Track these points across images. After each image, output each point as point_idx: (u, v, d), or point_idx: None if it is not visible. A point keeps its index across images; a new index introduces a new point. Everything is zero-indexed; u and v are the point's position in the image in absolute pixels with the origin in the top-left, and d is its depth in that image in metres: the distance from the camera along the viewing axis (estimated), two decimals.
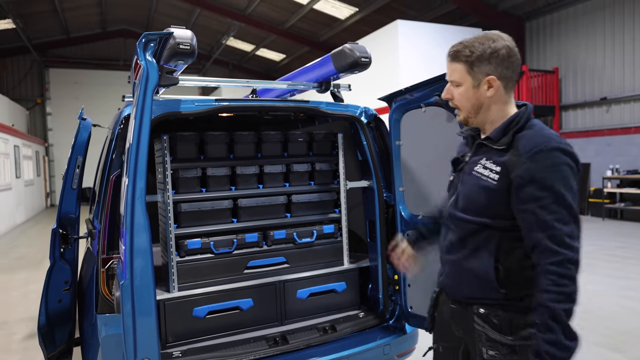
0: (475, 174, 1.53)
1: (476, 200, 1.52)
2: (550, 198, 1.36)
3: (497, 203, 1.47)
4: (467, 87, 1.53)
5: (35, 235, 11.20)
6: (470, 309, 1.56)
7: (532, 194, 1.38)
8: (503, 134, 1.49)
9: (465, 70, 1.51)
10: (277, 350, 2.48)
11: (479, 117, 1.56)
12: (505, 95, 1.52)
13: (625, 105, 10.77)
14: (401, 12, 13.36)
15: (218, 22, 17.15)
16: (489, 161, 1.51)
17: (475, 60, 1.48)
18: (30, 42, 16.99)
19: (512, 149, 1.45)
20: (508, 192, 1.44)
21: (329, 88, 2.95)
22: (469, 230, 1.55)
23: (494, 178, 1.47)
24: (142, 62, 1.77)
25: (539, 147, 1.39)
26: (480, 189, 1.50)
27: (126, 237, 1.70)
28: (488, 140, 1.53)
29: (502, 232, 1.49)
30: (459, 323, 1.63)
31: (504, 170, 1.44)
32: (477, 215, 1.52)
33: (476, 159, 1.56)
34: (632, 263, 6.52)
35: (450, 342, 1.70)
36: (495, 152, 1.50)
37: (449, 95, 1.60)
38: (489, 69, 1.48)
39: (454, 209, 1.61)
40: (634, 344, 3.83)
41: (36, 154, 17.16)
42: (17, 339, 4.44)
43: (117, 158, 2.31)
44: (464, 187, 1.59)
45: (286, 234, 2.91)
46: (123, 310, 1.67)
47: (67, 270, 2.88)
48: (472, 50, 1.49)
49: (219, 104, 2.48)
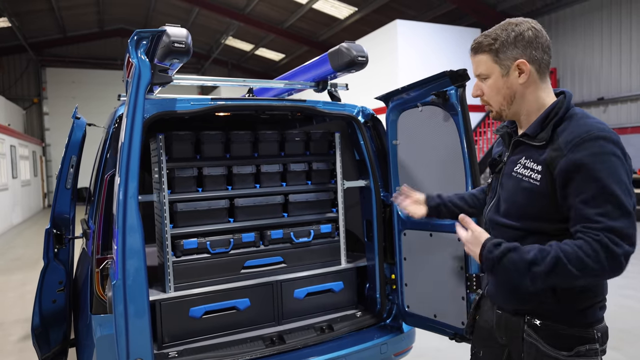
0: (516, 175, 1.41)
1: (518, 203, 1.39)
2: (594, 191, 1.22)
3: (542, 205, 1.34)
4: (496, 77, 1.40)
5: (31, 236, 11.16)
6: (521, 318, 1.44)
7: (575, 188, 1.25)
8: (541, 128, 1.37)
9: (491, 60, 1.40)
10: (274, 350, 2.47)
11: (513, 107, 1.42)
12: (540, 80, 1.39)
13: (622, 105, 10.81)
14: (400, 12, 13.37)
15: (217, 22, 17.13)
16: (528, 160, 1.38)
17: (500, 47, 1.37)
18: (27, 41, 16.92)
19: (552, 143, 1.32)
20: (553, 192, 1.31)
21: (326, 87, 2.94)
22: (514, 236, 1.40)
23: (535, 178, 1.34)
24: (134, 60, 1.75)
25: (581, 137, 1.26)
26: (522, 190, 1.38)
27: (118, 237, 1.69)
28: (525, 137, 1.41)
29: (550, 237, 1.33)
30: (504, 330, 1.51)
31: (546, 168, 1.32)
32: (521, 219, 1.39)
33: (515, 158, 1.44)
34: (630, 262, 6.49)
35: (493, 348, 1.59)
36: (535, 149, 1.37)
37: (479, 92, 1.48)
38: (517, 53, 1.36)
39: (495, 214, 1.49)
40: (632, 343, 3.84)
41: (33, 154, 17.10)
42: (13, 340, 4.42)
43: (111, 157, 2.29)
44: (504, 190, 1.46)
45: (283, 234, 2.89)
46: (115, 310, 1.65)
47: (61, 270, 2.86)
48: (495, 37, 1.38)
49: (214, 103, 2.46)
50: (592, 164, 1.23)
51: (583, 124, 1.30)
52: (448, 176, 2.38)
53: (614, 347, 3.76)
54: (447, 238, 2.39)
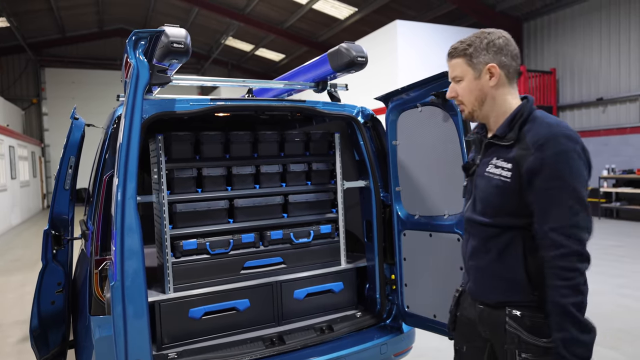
0: (488, 174, 1.52)
1: (492, 201, 1.50)
2: (557, 188, 1.35)
3: (514, 201, 1.44)
4: (469, 79, 1.53)
5: (31, 237, 11.14)
6: (502, 311, 1.52)
7: (540, 184, 1.37)
8: (509, 129, 1.48)
9: (465, 63, 1.53)
10: (274, 351, 2.46)
11: (484, 109, 1.55)
12: (508, 85, 1.52)
13: (621, 105, 10.81)
14: (400, 13, 13.37)
15: (217, 22, 17.12)
16: (499, 159, 1.49)
17: (473, 52, 1.50)
18: (25, 41, 16.89)
19: (520, 143, 1.44)
20: (522, 188, 1.42)
21: (326, 88, 2.94)
22: (491, 233, 1.51)
23: (506, 175, 1.45)
24: (132, 61, 1.75)
25: (545, 137, 1.38)
26: (494, 188, 1.48)
27: (116, 238, 1.68)
28: (495, 138, 1.52)
29: (525, 231, 1.45)
30: (486, 324, 1.59)
31: (515, 165, 1.43)
32: (496, 216, 1.49)
33: (486, 160, 1.55)
34: (628, 262, 6.53)
35: (476, 343, 1.66)
36: (504, 149, 1.49)
37: (453, 93, 1.59)
38: (488, 58, 1.49)
39: (472, 214, 1.59)
40: (630, 342, 3.84)
41: (32, 155, 17.07)
42: (12, 341, 4.41)
43: (110, 158, 2.28)
44: (478, 190, 1.56)
45: (283, 234, 2.89)
46: (114, 312, 1.65)
47: (59, 272, 2.85)
48: (470, 43, 1.51)
49: (214, 104, 2.46)
50: (555, 163, 1.36)
51: (546, 125, 1.43)
52: (448, 176, 2.38)
53: (612, 346, 3.76)
54: (446, 238, 2.39)
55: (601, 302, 4.88)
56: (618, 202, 10.59)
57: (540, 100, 11.88)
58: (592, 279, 5.65)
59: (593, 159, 1.47)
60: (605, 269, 6.20)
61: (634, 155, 10.48)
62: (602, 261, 6.59)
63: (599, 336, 1.35)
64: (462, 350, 1.72)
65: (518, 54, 1.52)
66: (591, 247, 1.41)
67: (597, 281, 5.63)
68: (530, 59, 12.79)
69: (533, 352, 1.45)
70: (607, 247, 7.52)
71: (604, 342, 3.84)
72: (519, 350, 1.47)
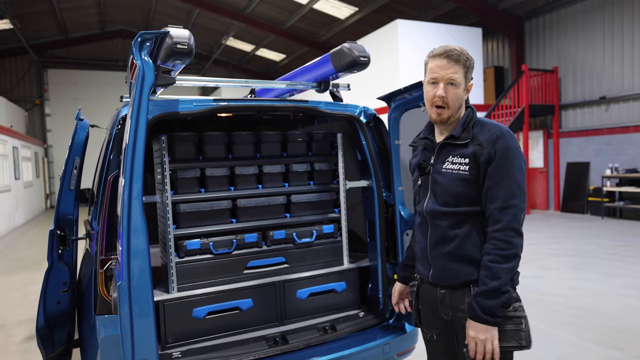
0: (446, 170, 1.74)
1: (455, 192, 1.71)
2: (504, 175, 1.63)
3: (473, 190, 1.69)
4: (462, 89, 1.74)
5: (34, 237, 11.18)
6: (463, 290, 1.71)
7: (491, 172, 1.65)
8: (463, 130, 1.74)
9: (463, 74, 1.73)
10: (277, 351, 2.47)
11: (455, 115, 1.77)
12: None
13: (624, 104, 10.77)
14: (401, 12, 13.36)
15: (217, 22, 17.15)
16: (456, 157, 1.73)
17: (469, 67, 1.74)
18: (29, 43, 16.96)
19: (473, 141, 1.70)
20: (479, 178, 1.68)
21: (328, 88, 2.94)
22: (455, 220, 1.72)
23: (465, 169, 1.69)
24: (138, 62, 1.76)
25: (495, 135, 1.67)
26: (457, 180, 1.71)
27: (123, 239, 1.69)
28: (451, 138, 1.75)
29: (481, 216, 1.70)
30: (448, 306, 1.75)
31: (473, 159, 1.68)
32: (457, 206, 1.71)
33: (442, 158, 1.77)
34: (632, 261, 6.51)
35: (442, 329, 1.83)
36: (459, 147, 1.73)
37: (443, 92, 1.73)
38: (469, 75, 1.76)
39: (435, 206, 1.77)
40: (634, 342, 3.82)
41: (35, 155, 17.12)
42: (17, 340, 4.44)
43: (114, 159, 2.30)
44: (438, 185, 1.76)
45: (286, 234, 2.90)
46: (120, 311, 1.66)
47: (65, 271, 2.87)
48: (468, 58, 1.73)
49: (217, 104, 2.47)
50: (503, 155, 1.64)
51: (493, 125, 1.73)
52: None
53: (616, 346, 3.75)
54: None
55: (605, 302, 4.87)
56: (621, 202, 10.55)
57: (542, 99, 11.86)
58: (596, 278, 5.67)
59: (596, 158, 1.58)
60: (609, 269, 6.19)
61: (638, 154, 10.44)
62: (606, 261, 6.58)
63: (602, 336, 1.38)
64: (434, 339, 1.88)
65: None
66: (594, 247, 1.44)
67: (600, 281, 5.63)
68: (532, 58, 12.76)
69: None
70: (610, 246, 7.50)
71: (608, 343, 3.84)
72: None
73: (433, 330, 1.87)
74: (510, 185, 1.62)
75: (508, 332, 1.62)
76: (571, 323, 4.30)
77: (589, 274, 5.98)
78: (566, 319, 4.42)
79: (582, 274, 5.98)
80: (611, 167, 10.66)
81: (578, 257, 6.88)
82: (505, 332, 1.62)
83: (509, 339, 1.62)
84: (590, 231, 9.07)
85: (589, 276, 5.86)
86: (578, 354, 3.65)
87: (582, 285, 5.48)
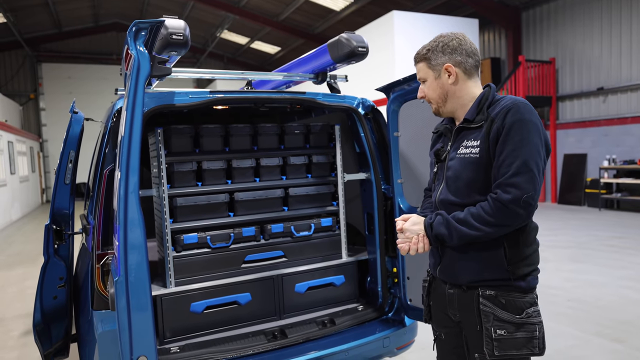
0: (459, 155, 1.64)
1: (466, 177, 1.60)
2: (511, 151, 1.49)
3: (485, 176, 1.57)
4: (431, 80, 1.70)
5: (31, 232, 11.14)
6: (474, 292, 1.61)
7: (498, 149, 1.52)
8: (477, 112, 1.63)
9: (426, 66, 1.71)
10: (276, 345, 2.46)
11: (448, 105, 1.70)
12: (468, 79, 1.67)
13: (622, 95, 10.77)
14: (397, 3, 13.26)
15: (212, 15, 16.98)
16: (470, 140, 1.62)
17: (432, 55, 1.68)
18: (22, 37, 16.77)
19: (487, 122, 1.59)
20: (490, 159, 1.55)
21: (326, 79, 2.91)
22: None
23: (476, 152, 1.58)
24: (133, 52, 1.72)
25: (507, 107, 1.54)
26: (466, 165, 1.60)
27: (120, 233, 1.67)
28: (465, 122, 1.65)
29: None
30: (457, 307, 1.68)
31: (484, 138, 1.56)
32: (470, 196, 1.60)
33: (457, 144, 1.68)
34: (630, 253, 6.54)
35: (451, 328, 1.76)
36: (474, 130, 1.62)
37: (422, 93, 1.76)
38: (444, 59, 1.66)
39: (447, 195, 1.67)
40: (634, 334, 3.83)
41: (30, 150, 17.03)
42: (15, 335, 4.42)
43: (110, 152, 2.26)
44: (451, 171, 1.67)
45: (283, 228, 2.88)
46: (118, 307, 1.64)
47: (61, 266, 2.84)
48: (428, 48, 1.70)
49: (213, 96, 2.44)
50: (512, 129, 1.50)
51: (507, 99, 1.59)
52: None
53: (616, 339, 3.76)
54: None
55: (603, 294, 4.88)
56: (619, 193, 10.58)
57: (539, 91, 11.84)
58: (594, 270, 5.69)
59: (593, 149, 1.52)
60: (607, 260, 6.21)
61: (635, 146, 10.46)
62: (604, 253, 6.60)
63: (602, 328, 1.36)
64: (442, 337, 1.82)
65: (474, 50, 1.68)
66: (592, 239, 1.43)
67: (599, 273, 5.64)
68: (529, 49, 12.72)
69: (507, 328, 1.55)
70: (608, 238, 7.52)
71: (608, 335, 3.84)
72: (495, 327, 1.56)
73: (442, 329, 1.81)
74: (515, 161, 1.47)
75: (519, 340, 1.54)
76: (570, 315, 4.31)
77: (587, 265, 6.00)
78: (565, 311, 4.43)
79: (580, 266, 5.99)
80: (609, 158, 10.66)
81: (575, 249, 6.90)
82: (516, 340, 1.54)
83: (520, 347, 1.54)
84: (588, 223, 9.10)
85: (587, 268, 5.87)
86: (579, 347, 3.66)
87: (580, 278, 5.49)
